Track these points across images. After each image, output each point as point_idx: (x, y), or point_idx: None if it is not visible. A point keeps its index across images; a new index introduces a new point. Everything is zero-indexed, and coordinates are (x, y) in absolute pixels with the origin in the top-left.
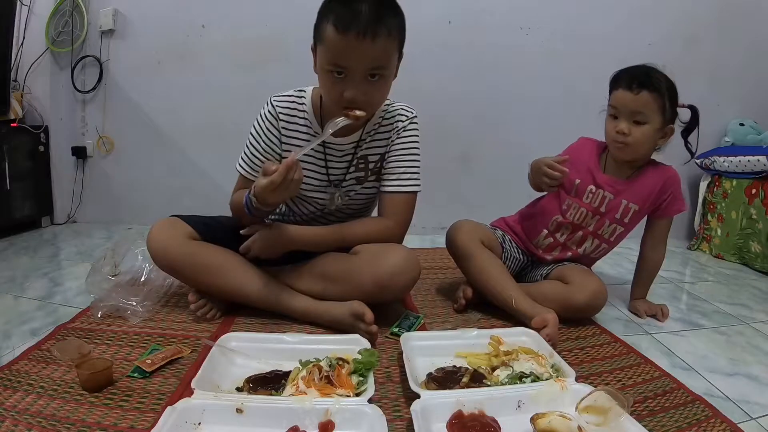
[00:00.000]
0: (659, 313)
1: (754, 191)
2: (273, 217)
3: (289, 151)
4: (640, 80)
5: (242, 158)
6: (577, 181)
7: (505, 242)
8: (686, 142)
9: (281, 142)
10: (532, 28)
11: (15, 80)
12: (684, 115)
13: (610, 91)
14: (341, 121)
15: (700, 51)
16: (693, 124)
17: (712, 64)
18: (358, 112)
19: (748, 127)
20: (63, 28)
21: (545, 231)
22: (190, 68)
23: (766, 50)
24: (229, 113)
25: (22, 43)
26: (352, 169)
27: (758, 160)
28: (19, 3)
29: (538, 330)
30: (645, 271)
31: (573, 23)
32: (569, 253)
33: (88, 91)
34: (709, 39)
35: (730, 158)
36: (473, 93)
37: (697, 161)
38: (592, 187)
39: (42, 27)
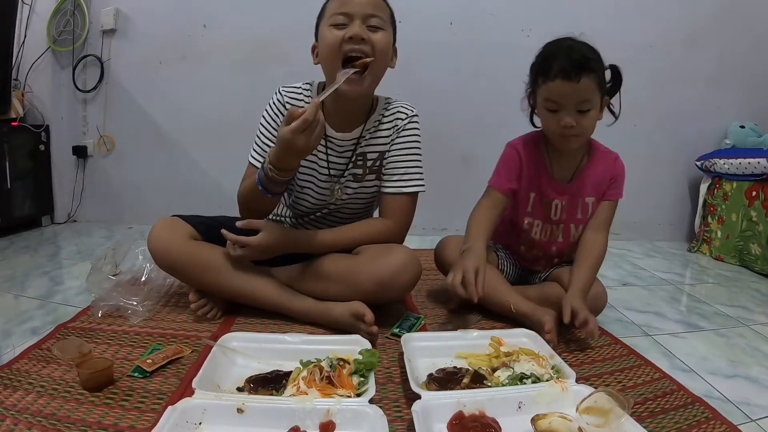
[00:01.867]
0: (589, 324)
1: (754, 193)
2: (273, 217)
3: None
4: (577, 65)
5: (254, 149)
6: (532, 195)
7: (499, 250)
8: (609, 105)
9: None
10: (533, 29)
11: (16, 79)
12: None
13: (539, 82)
14: (351, 70)
15: (701, 53)
16: (616, 85)
17: (712, 65)
18: (367, 60)
19: (749, 130)
20: (64, 28)
21: (522, 248)
22: (192, 68)
23: (767, 52)
24: (230, 113)
25: (24, 42)
26: (350, 165)
27: (758, 163)
28: (20, 2)
29: (551, 330)
30: (585, 255)
31: (573, 24)
32: (556, 260)
33: (89, 91)
34: (709, 41)
35: (731, 160)
36: (474, 94)
37: (698, 163)
38: (546, 200)
39: (43, 26)
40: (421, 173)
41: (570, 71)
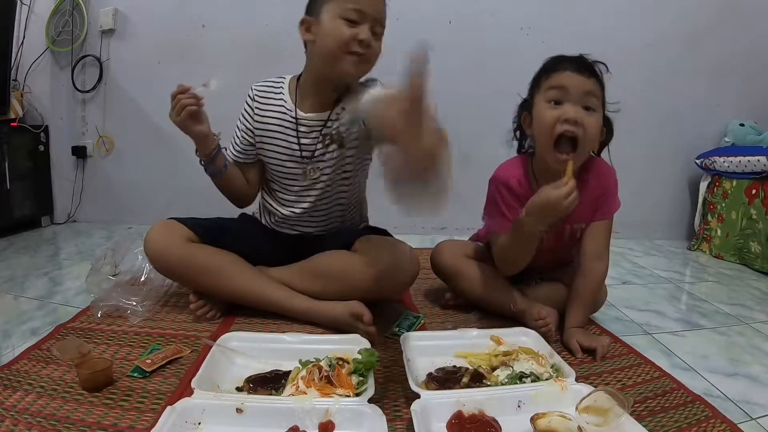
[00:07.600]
0: (598, 349)
1: (754, 191)
2: (273, 218)
3: (261, 129)
4: (587, 65)
5: (229, 142)
6: None
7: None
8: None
9: (254, 121)
10: (533, 28)
11: (15, 80)
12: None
13: (542, 79)
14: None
15: (700, 51)
16: (608, 136)
17: (712, 64)
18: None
19: (748, 128)
20: (63, 28)
21: None
22: (191, 68)
23: (766, 50)
24: (229, 113)
25: (23, 43)
26: (319, 146)
27: (758, 161)
28: (19, 2)
29: (545, 317)
30: (585, 290)
31: (573, 23)
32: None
33: (88, 91)
34: (709, 39)
35: (730, 158)
36: (473, 93)
37: (698, 161)
38: None
39: (42, 26)
40: None
41: (580, 66)
